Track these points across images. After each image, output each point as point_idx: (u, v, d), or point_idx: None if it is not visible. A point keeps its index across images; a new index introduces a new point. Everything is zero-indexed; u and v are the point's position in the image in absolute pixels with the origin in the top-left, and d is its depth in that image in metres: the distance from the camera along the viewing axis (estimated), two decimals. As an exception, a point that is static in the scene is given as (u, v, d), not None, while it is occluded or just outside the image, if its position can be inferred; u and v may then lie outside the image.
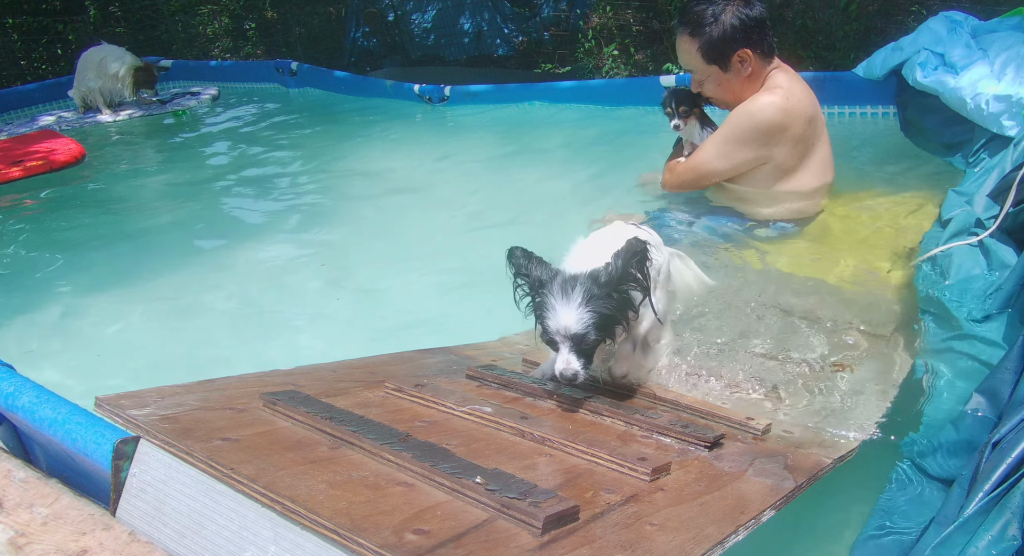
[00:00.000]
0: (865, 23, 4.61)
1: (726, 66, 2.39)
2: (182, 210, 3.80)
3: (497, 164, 4.00)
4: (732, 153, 2.44)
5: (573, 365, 1.41)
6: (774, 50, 2.44)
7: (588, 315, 1.39)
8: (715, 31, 2.34)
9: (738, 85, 2.43)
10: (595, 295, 1.41)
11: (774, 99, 2.34)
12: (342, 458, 1.09)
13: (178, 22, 7.88)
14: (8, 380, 1.43)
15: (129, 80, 5.61)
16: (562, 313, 1.40)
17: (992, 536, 0.88)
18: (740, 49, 2.35)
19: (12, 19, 7.31)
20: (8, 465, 1.26)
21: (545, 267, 1.49)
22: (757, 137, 2.38)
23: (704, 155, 2.51)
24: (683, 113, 2.56)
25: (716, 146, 2.48)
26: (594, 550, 0.92)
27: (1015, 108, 2.43)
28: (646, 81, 4.45)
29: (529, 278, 1.49)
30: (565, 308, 1.40)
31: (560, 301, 1.41)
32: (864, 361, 1.71)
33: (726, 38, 2.34)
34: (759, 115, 2.36)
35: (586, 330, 1.40)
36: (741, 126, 2.40)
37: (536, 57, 6.29)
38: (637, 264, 1.44)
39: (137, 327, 2.61)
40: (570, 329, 1.40)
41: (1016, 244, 1.86)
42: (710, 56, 2.39)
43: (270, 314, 2.65)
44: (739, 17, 2.33)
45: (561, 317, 1.40)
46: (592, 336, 1.41)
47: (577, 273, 1.45)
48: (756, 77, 2.42)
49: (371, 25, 6.86)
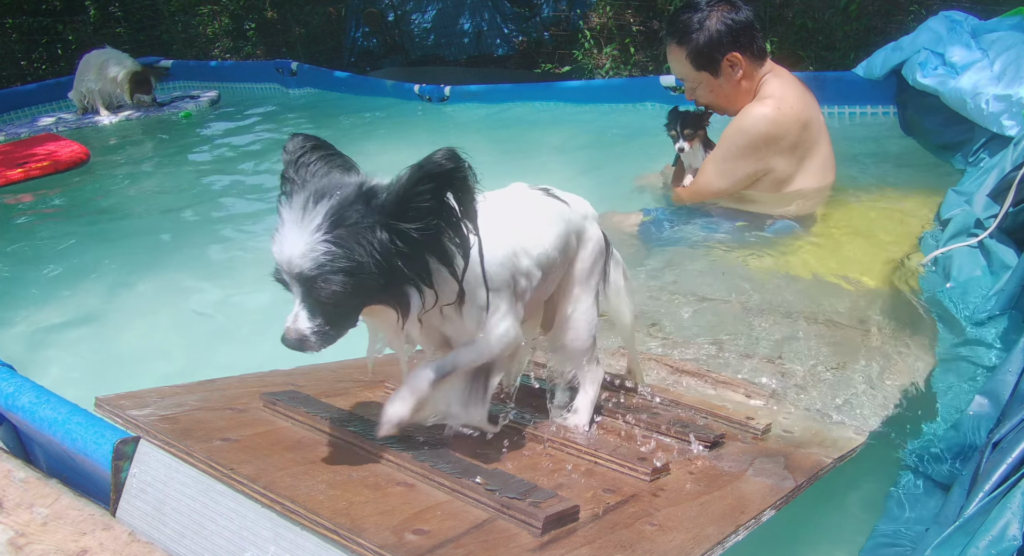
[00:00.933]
0: (865, 23, 4.61)
1: (716, 71, 2.39)
2: (182, 211, 3.80)
3: (497, 164, 3.99)
4: (731, 171, 2.45)
5: (300, 324, 0.98)
6: (765, 52, 2.43)
7: (325, 250, 0.94)
8: (702, 38, 2.35)
9: (731, 89, 2.43)
10: (350, 223, 0.95)
11: (765, 111, 2.34)
12: (342, 458, 1.09)
13: (178, 22, 7.88)
14: (8, 380, 1.43)
15: (127, 85, 5.64)
16: (289, 238, 0.96)
17: (992, 536, 0.88)
18: (729, 53, 2.35)
19: (12, 19, 7.31)
20: (8, 465, 1.26)
21: (319, 168, 1.03)
22: (753, 152, 2.39)
23: (705, 178, 2.52)
24: (687, 136, 2.58)
25: (715, 166, 2.48)
26: (594, 550, 0.92)
27: (1015, 108, 2.43)
28: (646, 81, 4.45)
29: (292, 179, 1.03)
30: (296, 231, 0.96)
31: (293, 220, 0.96)
32: (864, 362, 1.71)
33: (713, 43, 2.34)
34: (752, 131, 2.36)
35: (318, 273, 0.95)
36: (736, 143, 2.41)
37: (536, 57, 6.29)
38: (436, 190, 0.96)
39: (137, 327, 2.61)
40: (294, 265, 0.96)
41: (1016, 244, 1.86)
42: (699, 62, 2.39)
43: (270, 314, 2.65)
44: (725, 22, 2.33)
45: (287, 244, 0.96)
46: (330, 288, 0.95)
47: (346, 183, 0.99)
48: (749, 80, 2.42)
49: (371, 25, 6.86)
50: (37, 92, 6.42)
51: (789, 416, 1.50)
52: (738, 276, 2.23)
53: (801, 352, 1.77)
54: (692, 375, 1.65)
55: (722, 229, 2.47)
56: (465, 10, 6.51)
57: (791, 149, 2.40)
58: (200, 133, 5.35)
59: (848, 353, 1.76)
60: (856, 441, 1.41)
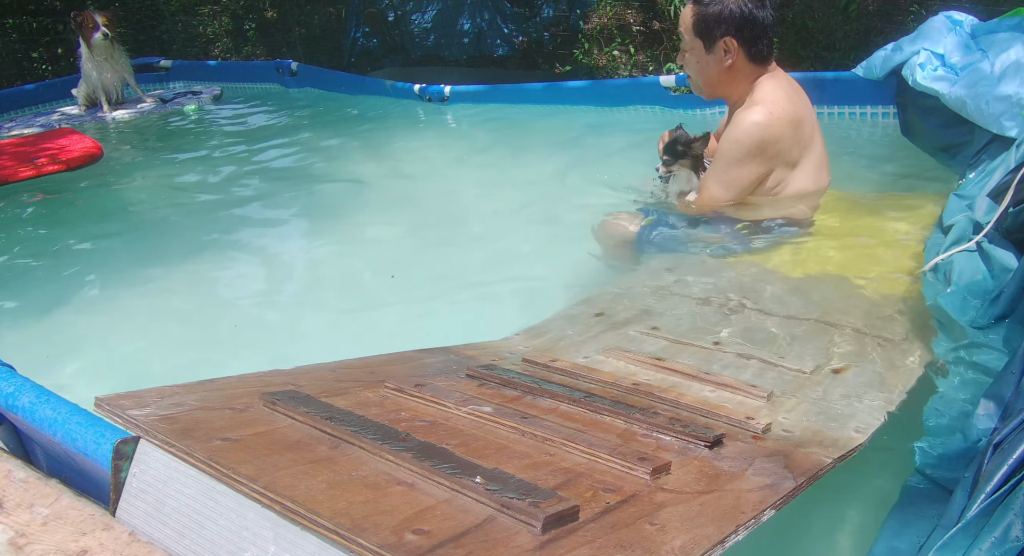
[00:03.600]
0: (865, 23, 4.61)
1: (710, 47, 2.39)
2: (183, 211, 3.80)
3: (498, 164, 4.00)
4: (734, 181, 2.44)
5: None
6: (765, 59, 2.42)
7: None
8: (713, 7, 2.34)
9: (715, 73, 2.43)
10: None
11: (756, 119, 2.34)
12: (342, 458, 1.09)
13: (178, 22, 7.88)
14: (8, 380, 1.43)
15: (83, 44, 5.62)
16: None
17: (995, 537, 0.88)
18: (727, 36, 2.34)
19: (12, 19, 7.31)
20: (8, 465, 1.26)
21: None
22: (752, 159, 2.39)
23: (709, 193, 2.51)
24: (666, 162, 2.63)
25: (716, 179, 2.48)
26: (594, 550, 0.92)
27: (1015, 108, 2.43)
28: (646, 81, 4.45)
29: None
30: None
31: None
32: (865, 364, 1.71)
33: (719, 18, 2.33)
34: (747, 140, 2.36)
35: None
36: (734, 153, 2.40)
37: (536, 57, 6.29)
38: None
39: (137, 327, 2.61)
40: None
41: (1016, 245, 1.85)
42: (698, 28, 2.39)
43: (270, 314, 2.65)
44: (741, 8, 2.32)
45: None
46: None
47: None
48: (737, 76, 2.41)
49: (371, 25, 6.86)
50: (36, 91, 6.44)
51: (789, 416, 1.49)
52: (738, 277, 2.24)
53: (801, 353, 1.77)
54: (692, 375, 1.65)
55: (723, 231, 2.47)
56: (465, 10, 6.51)
57: (787, 150, 2.40)
58: (200, 134, 5.35)
59: (848, 354, 1.76)
60: (856, 441, 1.40)
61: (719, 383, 1.62)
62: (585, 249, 2.69)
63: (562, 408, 1.45)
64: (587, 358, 1.76)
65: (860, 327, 1.88)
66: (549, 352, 1.81)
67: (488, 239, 3.07)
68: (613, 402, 1.45)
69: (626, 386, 1.56)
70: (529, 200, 3.40)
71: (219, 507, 1.01)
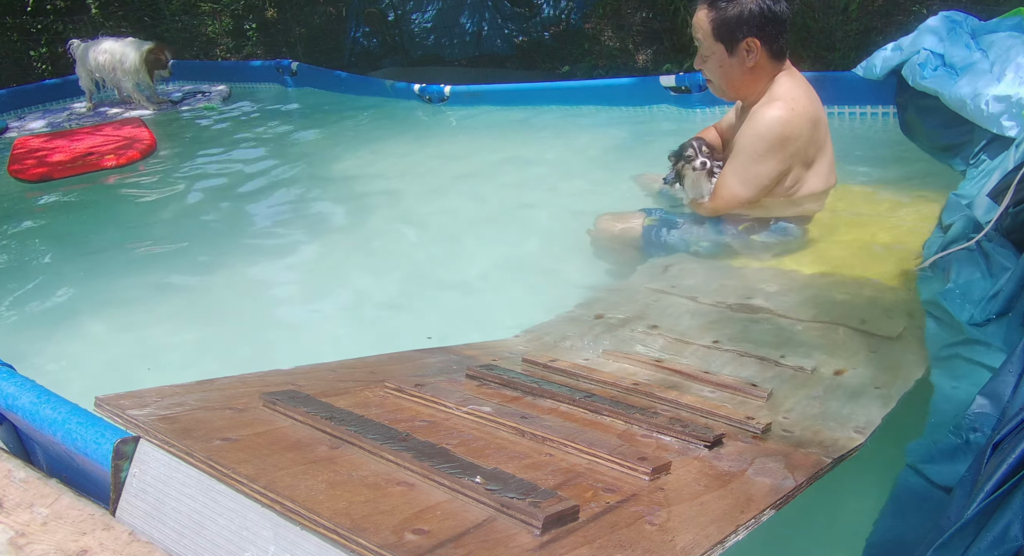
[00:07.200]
0: (865, 23, 4.61)
1: (732, 49, 2.36)
2: (178, 211, 3.80)
3: (498, 163, 4.00)
4: (755, 178, 2.41)
5: None
6: (784, 54, 2.41)
7: None
8: (732, 10, 2.31)
9: (738, 75, 2.40)
10: None
11: (779, 113, 2.32)
12: (342, 458, 1.09)
13: (179, 22, 7.89)
14: (8, 380, 1.43)
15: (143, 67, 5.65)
16: None
17: (994, 537, 0.88)
18: (749, 37, 2.32)
19: (12, 19, 7.31)
20: (8, 465, 1.26)
21: None
22: (773, 155, 2.36)
23: (728, 190, 2.47)
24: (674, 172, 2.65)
25: (736, 175, 2.44)
26: (594, 550, 0.92)
27: (1015, 108, 2.43)
28: (646, 81, 4.45)
29: None
30: None
31: None
32: (865, 363, 1.71)
33: (740, 20, 2.30)
34: (769, 135, 2.34)
35: None
36: (756, 148, 2.37)
37: (536, 57, 6.29)
38: None
39: (137, 326, 2.61)
40: None
41: (1015, 245, 1.85)
42: (719, 33, 2.35)
43: (269, 314, 2.65)
44: (760, 6, 2.30)
45: None
46: None
47: None
48: (759, 74, 2.39)
49: (371, 25, 6.86)
50: (37, 91, 6.44)
51: (789, 416, 1.49)
52: (739, 277, 2.24)
53: (802, 352, 1.77)
54: (692, 375, 1.65)
55: (725, 231, 2.47)
56: (465, 10, 6.51)
57: (806, 146, 2.39)
58: (200, 134, 5.35)
59: (848, 354, 1.76)
60: (856, 441, 1.41)
61: (719, 383, 1.62)
62: (586, 249, 2.69)
63: (562, 408, 1.45)
64: (587, 359, 1.76)
65: (860, 326, 1.88)
66: (549, 352, 1.81)
67: (488, 239, 3.07)
68: (613, 402, 1.45)
69: (626, 386, 1.56)
70: (529, 200, 3.40)
71: (219, 507, 1.01)
